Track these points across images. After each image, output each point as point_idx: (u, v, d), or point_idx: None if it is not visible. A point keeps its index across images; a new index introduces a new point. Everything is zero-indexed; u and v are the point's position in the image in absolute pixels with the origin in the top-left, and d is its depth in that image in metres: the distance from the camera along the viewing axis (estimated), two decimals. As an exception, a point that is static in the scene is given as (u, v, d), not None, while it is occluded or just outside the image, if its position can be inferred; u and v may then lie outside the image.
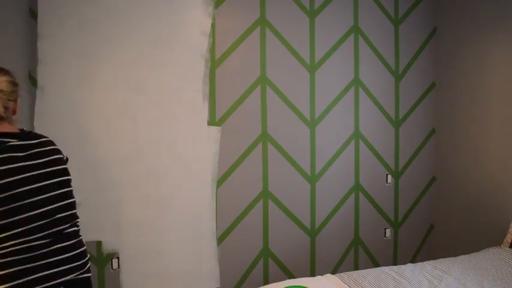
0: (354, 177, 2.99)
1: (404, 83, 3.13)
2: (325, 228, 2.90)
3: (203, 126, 2.51)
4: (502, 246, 2.42)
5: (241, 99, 2.64)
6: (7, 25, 2.06)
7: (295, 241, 2.82)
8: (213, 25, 2.52)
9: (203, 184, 2.52)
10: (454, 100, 3.06)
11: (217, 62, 2.57)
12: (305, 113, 2.82)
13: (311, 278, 2.04)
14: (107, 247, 2.31)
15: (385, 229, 3.11)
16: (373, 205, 3.06)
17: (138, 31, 2.33)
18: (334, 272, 2.86)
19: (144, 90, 2.36)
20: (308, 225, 2.85)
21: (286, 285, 1.87)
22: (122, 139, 2.31)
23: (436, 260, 2.25)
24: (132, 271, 2.35)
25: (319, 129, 2.86)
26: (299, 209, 2.82)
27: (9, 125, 1.34)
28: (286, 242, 2.79)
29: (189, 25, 2.46)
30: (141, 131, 2.35)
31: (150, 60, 2.36)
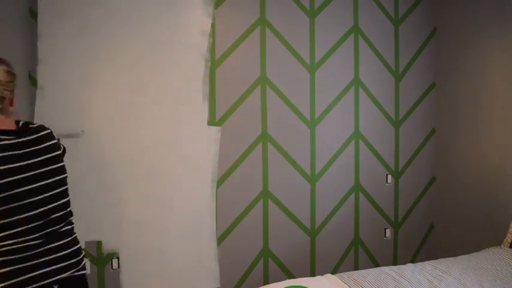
0: (354, 177, 2.99)
1: (404, 83, 3.13)
2: (325, 228, 2.90)
3: (203, 126, 2.51)
4: (502, 246, 2.42)
5: (241, 99, 2.64)
6: (7, 25, 2.06)
7: (295, 241, 2.82)
8: (213, 25, 2.53)
9: (203, 184, 2.52)
10: (454, 100, 3.06)
11: (217, 62, 2.57)
12: (305, 113, 2.82)
13: (311, 278, 2.04)
14: (107, 247, 2.31)
15: (385, 229, 3.11)
16: (373, 205, 3.06)
17: (139, 32, 2.33)
18: (334, 272, 2.86)
19: (145, 91, 2.36)
20: (308, 225, 2.85)
21: (286, 285, 1.87)
22: (123, 139, 2.31)
23: (436, 260, 2.25)
24: (132, 271, 2.35)
25: (319, 129, 2.86)
26: (299, 209, 2.82)
27: (5, 118, 1.31)
28: (286, 242, 2.79)
29: (189, 25, 2.46)
30: (141, 131, 2.35)
31: (150, 60, 2.36)
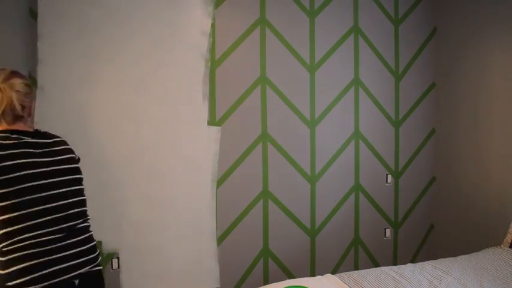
0: (354, 177, 2.99)
1: (404, 83, 3.13)
2: (325, 228, 2.90)
3: (203, 126, 2.51)
4: (502, 246, 2.42)
5: (241, 99, 2.64)
6: (7, 25, 2.06)
7: (295, 241, 2.82)
8: (213, 25, 2.53)
9: (203, 184, 2.52)
10: (454, 100, 3.06)
11: (217, 62, 2.57)
12: (305, 113, 2.82)
13: (311, 278, 2.04)
14: (107, 247, 2.31)
15: (385, 229, 3.11)
16: (373, 205, 3.06)
17: (139, 32, 2.33)
18: (334, 272, 2.85)
19: (145, 91, 2.36)
20: (308, 225, 2.85)
21: (286, 285, 1.87)
22: (123, 139, 2.31)
23: (436, 260, 2.25)
24: (132, 271, 2.35)
25: (319, 129, 2.86)
26: (299, 209, 2.82)
27: (24, 125, 1.39)
28: (286, 242, 2.79)
29: (190, 25, 2.46)
30: (141, 131, 2.35)
31: (151, 60, 2.36)
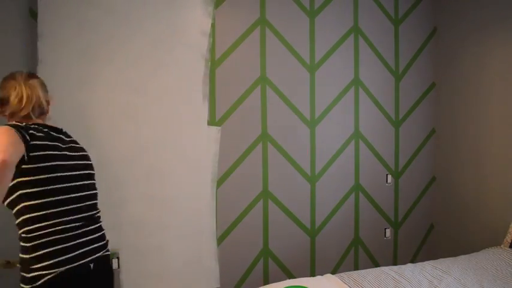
0: (354, 177, 2.99)
1: (404, 83, 3.13)
2: (325, 228, 2.90)
3: (203, 126, 2.51)
4: (502, 246, 2.42)
5: (241, 99, 2.64)
6: (7, 25, 2.06)
7: (295, 241, 2.82)
8: (213, 25, 2.53)
9: (203, 184, 2.52)
10: (454, 100, 3.06)
11: (217, 62, 2.57)
12: (305, 113, 2.82)
13: (311, 278, 2.04)
14: (107, 247, 2.31)
15: (385, 229, 3.11)
16: (373, 205, 3.06)
17: (139, 32, 2.33)
18: (334, 272, 2.86)
19: (145, 91, 2.35)
20: (308, 225, 2.85)
21: (286, 285, 1.87)
22: (123, 139, 2.31)
23: (436, 260, 2.25)
24: (132, 271, 2.35)
25: (319, 129, 2.86)
26: (299, 209, 2.82)
27: (42, 122, 1.52)
28: (286, 242, 2.79)
29: (189, 25, 2.46)
30: (141, 131, 2.35)
31: (150, 60, 2.36)
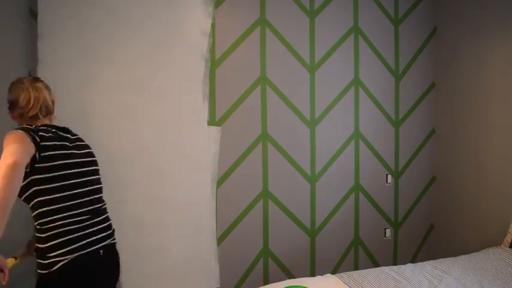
0: (354, 177, 2.99)
1: (404, 83, 3.13)
2: (325, 228, 2.90)
3: (203, 126, 2.51)
4: (502, 246, 2.42)
5: (241, 99, 2.64)
6: (7, 25, 2.06)
7: (295, 241, 2.82)
8: (213, 25, 2.53)
9: (203, 184, 2.52)
10: (454, 100, 3.06)
11: (217, 62, 2.57)
12: (305, 113, 2.82)
13: (311, 278, 2.04)
14: (107, 247, 2.30)
15: (385, 229, 3.11)
16: (373, 205, 3.06)
17: (139, 32, 2.33)
18: (334, 272, 2.86)
19: (145, 91, 2.35)
20: (308, 225, 2.85)
21: (286, 285, 1.87)
22: (123, 139, 2.31)
23: (436, 260, 2.25)
24: (132, 271, 2.35)
25: (319, 129, 2.86)
26: (299, 209, 2.82)
27: (49, 122, 1.62)
28: (286, 242, 2.79)
29: (189, 25, 2.46)
30: (141, 131, 2.35)
31: (151, 60, 2.36)
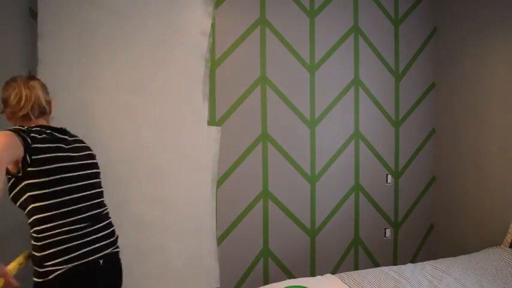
0: (354, 177, 2.99)
1: (404, 83, 3.13)
2: (325, 228, 2.90)
3: (203, 126, 2.51)
4: (502, 246, 2.42)
5: (241, 99, 2.64)
6: (7, 25, 2.06)
7: (295, 241, 2.82)
8: (213, 25, 2.53)
9: (203, 184, 2.52)
10: (454, 100, 3.06)
11: (217, 62, 2.57)
12: (305, 113, 2.82)
13: (311, 278, 2.04)
14: (107, 247, 2.30)
15: (385, 229, 3.11)
16: (373, 205, 3.06)
17: (140, 32, 2.33)
18: (334, 272, 2.86)
19: (145, 91, 2.35)
20: (308, 225, 2.85)
21: (286, 285, 1.87)
22: (123, 140, 2.31)
23: (436, 260, 2.25)
24: (132, 271, 2.35)
25: (319, 129, 2.86)
26: (299, 209, 2.82)
27: (46, 122, 1.54)
28: (286, 242, 2.79)
29: (190, 25, 2.46)
30: (142, 131, 2.35)
31: (151, 60, 2.36)
